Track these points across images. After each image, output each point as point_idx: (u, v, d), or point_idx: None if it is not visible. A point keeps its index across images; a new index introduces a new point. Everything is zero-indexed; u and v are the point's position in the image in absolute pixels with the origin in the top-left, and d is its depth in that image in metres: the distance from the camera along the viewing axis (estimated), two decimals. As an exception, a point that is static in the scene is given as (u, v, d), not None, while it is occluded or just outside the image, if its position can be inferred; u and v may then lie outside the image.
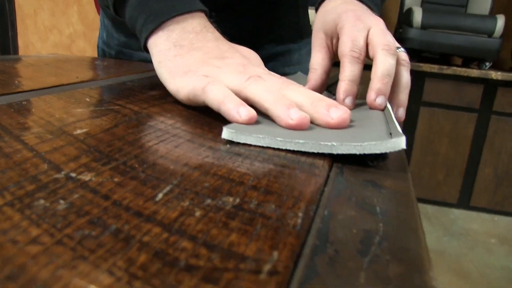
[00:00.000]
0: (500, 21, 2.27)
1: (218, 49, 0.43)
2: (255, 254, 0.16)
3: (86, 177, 0.23)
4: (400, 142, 0.30)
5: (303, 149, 0.30)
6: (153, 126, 0.34)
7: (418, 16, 2.32)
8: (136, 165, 0.25)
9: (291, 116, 0.34)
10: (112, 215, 0.19)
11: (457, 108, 2.42)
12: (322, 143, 0.30)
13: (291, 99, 0.36)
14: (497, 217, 2.49)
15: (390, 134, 0.33)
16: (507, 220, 2.47)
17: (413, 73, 2.36)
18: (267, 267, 0.16)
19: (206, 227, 0.18)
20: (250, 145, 0.31)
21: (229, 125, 0.33)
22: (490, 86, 2.35)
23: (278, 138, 0.31)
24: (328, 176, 0.27)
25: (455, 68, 2.31)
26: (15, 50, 3.29)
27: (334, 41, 0.50)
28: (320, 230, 0.20)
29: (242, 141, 0.32)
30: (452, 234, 2.26)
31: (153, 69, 0.46)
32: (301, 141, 0.30)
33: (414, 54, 2.42)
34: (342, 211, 0.22)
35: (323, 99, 0.37)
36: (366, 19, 0.47)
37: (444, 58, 2.59)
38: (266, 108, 0.36)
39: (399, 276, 0.17)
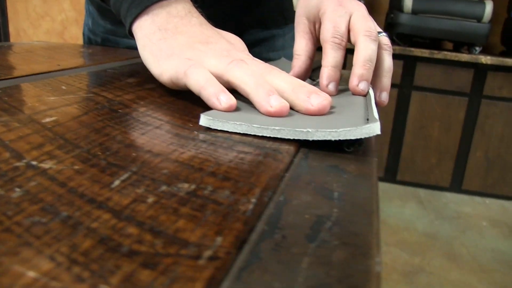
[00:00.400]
0: (489, 6, 2.28)
1: (202, 34, 0.43)
2: (199, 239, 0.17)
3: (47, 165, 0.23)
4: (374, 128, 0.30)
5: (279, 136, 0.31)
6: (124, 113, 0.34)
7: (408, 1, 2.32)
8: (99, 153, 0.25)
9: (271, 103, 0.34)
10: (65, 202, 0.19)
11: (448, 93, 2.42)
12: (297, 129, 0.30)
13: (272, 85, 0.37)
14: (488, 200, 2.52)
15: (367, 120, 0.33)
16: (498, 203, 2.49)
17: (404, 57, 2.36)
18: (207, 253, 0.16)
19: (155, 213, 0.19)
20: (217, 132, 0.31)
21: (207, 112, 0.33)
22: (480, 71, 2.36)
23: (254, 125, 0.31)
24: (291, 162, 0.28)
25: (445, 52, 2.31)
26: (6, 37, 3.26)
27: (317, 26, 0.50)
28: (271, 215, 0.20)
29: (219, 128, 0.32)
30: (444, 218, 2.28)
31: (137, 56, 0.46)
32: (277, 127, 0.31)
33: (405, 39, 2.41)
34: (298, 197, 0.22)
35: (304, 86, 0.37)
36: (348, 5, 0.47)
37: (435, 43, 2.58)
38: (247, 93, 0.36)
39: (343, 261, 0.17)
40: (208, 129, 0.32)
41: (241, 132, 0.31)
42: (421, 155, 2.54)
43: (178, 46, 0.41)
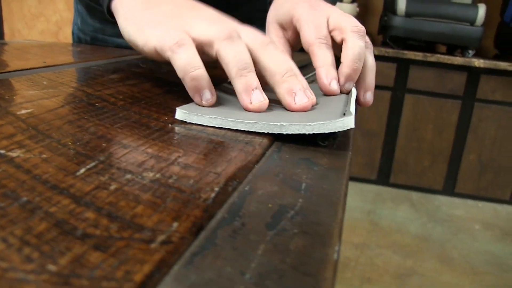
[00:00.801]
0: (481, 9, 2.29)
1: (187, 2, 0.41)
2: (154, 225, 0.17)
3: (15, 153, 0.23)
4: (348, 122, 0.30)
5: (253, 130, 0.31)
6: (100, 107, 0.34)
7: (402, 4, 2.33)
8: (69, 143, 0.25)
9: (252, 99, 0.34)
10: (27, 188, 0.19)
11: (441, 95, 2.43)
12: (271, 123, 0.30)
13: (263, 64, 0.36)
14: (481, 203, 2.52)
15: (344, 114, 0.33)
16: (491, 206, 2.50)
17: (398, 60, 2.37)
18: (161, 238, 0.16)
19: (115, 199, 0.19)
20: (192, 125, 0.31)
21: (183, 106, 0.33)
22: (474, 74, 2.37)
23: (229, 119, 0.31)
24: (263, 154, 0.28)
25: (439, 55, 2.32)
26: (1, 37, 3.25)
27: (290, 33, 0.49)
28: (233, 204, 0.20)
29: (194, 122, 0.32)
30: (436, 220, 2.29)
31: (125, 55, 0.46)
32: (251, 121, 0.31)
33: (399, 42, 2.42)
34: (264, 187, 0.23)
35: (295, 76, 0.37)
36: (321, 8, 0.46)
37: (429, 45, 2.59)
38: (231, 78, 0.35)
39: (301, 248, 0.17)
40: (183, 123, 0.32)
41: (216, 126, 0.32)
42: (414, 158, 2.54)
43: (165, 15, 0.39)
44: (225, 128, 0.31)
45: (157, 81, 0.47)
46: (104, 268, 0.14)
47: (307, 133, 0.30)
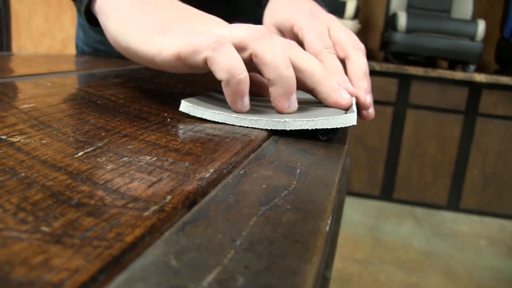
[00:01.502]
0: (481, 25, 2.31)
1: (187, 8, 0.38)
2: (148, 197, 0.17)
3: (15, 139, 0.23)
4: (351, 118, 0.30)
5: (256, 126, 0.31)
6: (101, 104, 0.35)
7: (402, 20, 2.35)
8: (69, 132, 0.26)
9: (291, 106, 0.33)
10: (26, 166, 0.19)
11: (443, 110, 2.43)
12: (275, 120, 0.31)
13: (299, 65, 0.34)
14: (487, 219, 2.50)
15: (346, 112, 0.34)
16: (497, 222, 2.48)
17: (399, 76, 2.38)
18: (154, 207, 0.16)
19: (111, 177, 0.19)
20: (191, 120, 0.32)
21: (187, 99, 0.34)
22: (475, 88, 2.38)
23: (233, 115, 0.31)
24: (260, 145, 0.28)
25: (440, 70, 2.33)
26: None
27: (288, 39, 0.50)
28: (227, 184, 0.21)
29: (198, 115, 0.32)
30: (440, 236, 2.27)
31: (128, 64, 0.46)
32: (255, 118, 0.31)
33: (400, 57, 2.44)
34: (259, 171, 0.23)
35: (331, 73, 0.37)
36: (320, 16, 0.47)
37: (431, 61, 2.61)
38: (269, 77, 0.32)
39: (293, 221, 0.18)
40: (183, 117, 0.32)
41: (220, 121, 0.32)
42: (417, 173, 2.54)
43: (172, 20, 0.35)
44: (227, 124, 0.32)
45: (158, 84, 0.48)
46: (96, 231, 0.14)
47: (310, 128, 0.30)
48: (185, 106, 0.33)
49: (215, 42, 0.31)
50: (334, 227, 0.53)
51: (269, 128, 0.31)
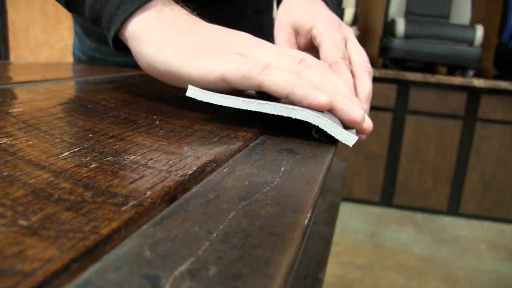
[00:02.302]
0: (479, 30, 2.32)
1: (220, 28, 0.39)
2: (128, 193, 0.17)
3: (2, 140, 0.24)
4: (351, 139, 0.31)
5: (263, 110, 0.31)
6: (92, 108, 0.35)
7: (401, 26, 2.36)
8: (56, 133, 0.26)
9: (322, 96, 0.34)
10: (10, 166, 0.20)
11: (442, 116, 2.44)
12: (283, 106, 0.31)
13: (335, 85, 0.36)
14: (486, 224, 2.50)
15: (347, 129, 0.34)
16: (496, 226, 2.47)
17: (398, 82, 2.38)
18: (133, 202, 0.17)
19: (94, 174, 0.19)
20: (181, 120, 0.32)
21: (193, 86, 0.34)
22: (474, 94, 2.38)
23: (240, 99, 0.32)
24: (247, 145, 0.28)
25: (439, 76, 2.34)
26: (7, 65, 3.30)
27: (302, 40, 0.50)
28: (210, 180, 0.21)
29: (205, 100, 0.32)
30: (441, 241, 2.26)
31: (123, 71, 0.46)
32: (262, 102, 0.31)
33: (399, 63, 2.45)
34: (243, 169, 0.23)
35: (349, 86, 0.38)
36: (339, 27, 0.47)
37: (429, 67, 2.62)
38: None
39: (271, 215, 0.18)
40: (171, 120, 0.33)
41: (226, 105, 0.32)
42: (417, 179, 2.53)
43: (210, 41, 0.36)
44: (218, 123, 0.32)
45: (151, 89, 0.48)
46: (73, 224, 0.14)
47: (313, 123, 0.30)
48: (192, 90, 0.33)
49: (265, 68, 0.33)
50: (328, 229, 0.53)
51: (275, 113, 0.31)
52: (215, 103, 0.32)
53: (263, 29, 0.84)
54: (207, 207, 0.18)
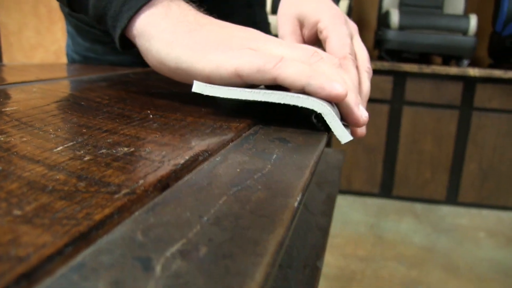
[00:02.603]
0: (473, 20, 2.33)
1: (228, 24, 0.39)
2: (121, 182, 0.18)
3: (-4, 138, 0.24)
4: (346, 137, 0.32)
5: (270, 100, 0.31)
6: (85, 105, 0.35)
7: (395, 17, 2.36)
8: (50, 130, 0.26)
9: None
10: (4, 161, 0.20)
11: (439, 106, 2.44)
12: (289, 94, 0.31)
13: (345, 81, 0.36)
14: (485, 211, 2.51)
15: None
16: (495, 214, 2.49)
17: (394, 73, 2.39)
18: (125, 190, 0.17)
19: (87, 166, 0.20)
20: (175, 114, 0.32)
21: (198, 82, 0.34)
22: (469, 83, 2.39)
23: (246, 90, 0.32)
24: (239, 136, 0.29)
25: (434, 66, 2.34)
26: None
27: (307, 32, 0.50)
28: (202, 169, 0.21)
29: (211, 94, 0.33)
30: (440, 230, 2.27)
31: (117, 70, 0.47)
32: (268, 92, 0.32)
33: (394, 55, 2.45)
34: (235, 158, 0.23)
35: (355, 83, 0.39)
36: (345, 22, 0.47)
37: (425, 57, 2.62)
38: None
39: (262, 199, 0.18)
40: (165, 113, 0.33)
41: (233, 97, 0.32)
42: (416, 170, 2.54)
43: (220, 36, 0.36)
44: (211, 116, 0.32)
45: (145, 86, 0.49)
46: (67, 212, 0.15)
47: (318, 111, 0.31)
48: (198, 85, 0.33)
49: (279, 61, 0.33)
50: (326, 220, 0.53)
51: (282, 102, 0.31)
52: (221, 96, 0.32)
53: (256, 24, 0.84)
54: (199, 193, 0.18)
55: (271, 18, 0.92)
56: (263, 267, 0.13)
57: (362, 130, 0.43)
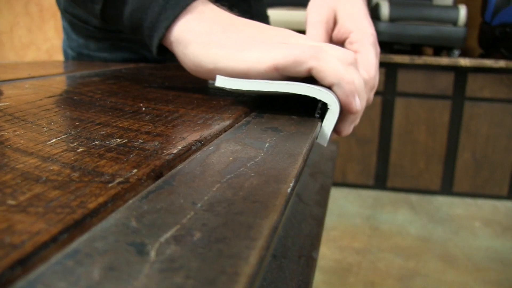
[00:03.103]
0: (462, 10, 2.34)
1: (261, 24, 0.40)
2: (115, 171, 0.18)
3: (-11, 133, 0.24)
4: (324, 141, 0.34)
5: (290, 91, 0.32)
6: (78, 99, 0.35)
7: (385, 9, 2.37)
8: (44, 123, 0.26)
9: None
10: (-3, 155, 0.20)
11: (431, 97, 2.45)
12: (310, 86, 0.32)
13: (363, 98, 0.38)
14: (480, 201, 2.53)
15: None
16: (490, 203, 2.50)
17: (386, 65, 2.39)
18: (119, 179, 0.17)
19: (81, 157, 0.20)
20: (166, 107, 0.33)
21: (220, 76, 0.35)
22: (461, 73, 2.40)
23: (268, 82, 0.33)
24: (232, 126, 0.29)
25: (425, 57, 2.35)
26: (-7, 69, 3.27)
27: (336, 33, 0.50)
28: (195, 159, 0.21)
29: (234, 87, 0.34)
30: (436, 221, 2.29)
31: (110, 66, 0.47)
32: (290, 82, 0.32)
33: (385, 47, 2.45)
34: (228, 147, 0.24)
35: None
36: (376, 44, 0.48)
37: (416, 49, 2.63)
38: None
39: (255, 185, 0.18)
40: (157, 106, 0.33)
41: (256, 89, 0.33)
42: (410, 160, 2.55)
43: (255, 34, 0.37)
44: (205, 107, 0.32)
45: (137, 80, 0.49)
46: (61, 200, 0.15)
47: (330, 108, 0.32)
48: (221, 80, 0.34)
49: (318, 52, 0.33)
50: (320, 210, 0.54)
51: (302, 94, 0.32)
52: (243, 88, 0.34)
53: (253, 17, 0.84)
54: (192, 181, 0.18)
55: (280, 13, 0.92)
56: (257, 250, 0.13)
57: (347, 130, 0.44)
